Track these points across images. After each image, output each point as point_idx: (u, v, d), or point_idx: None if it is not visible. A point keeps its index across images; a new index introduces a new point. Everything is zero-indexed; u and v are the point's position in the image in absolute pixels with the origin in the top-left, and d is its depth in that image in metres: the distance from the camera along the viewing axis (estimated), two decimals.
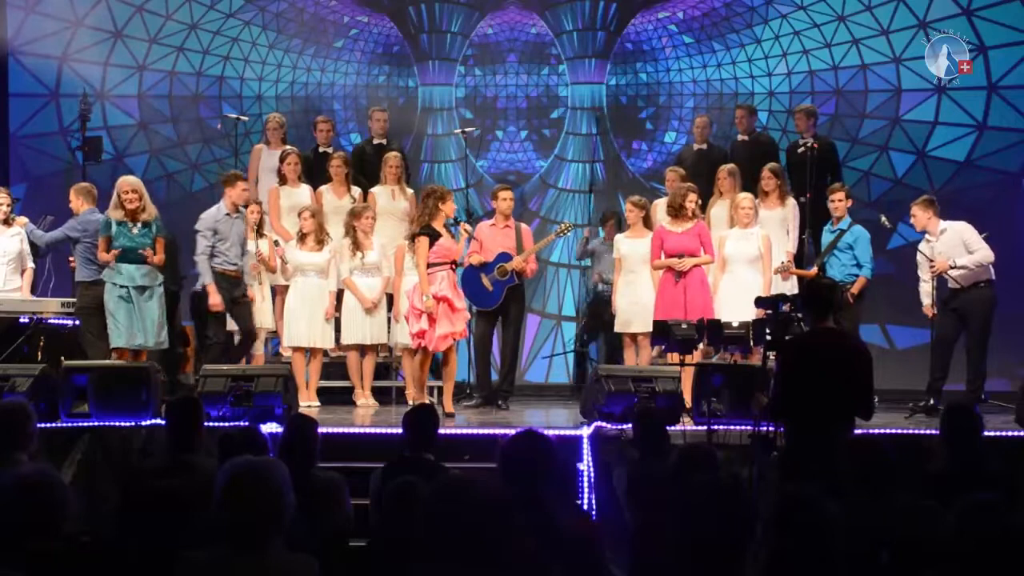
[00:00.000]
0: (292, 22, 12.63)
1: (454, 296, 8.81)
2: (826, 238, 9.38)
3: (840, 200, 9.33)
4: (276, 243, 9.67)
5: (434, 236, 8.78)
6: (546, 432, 4.21)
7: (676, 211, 9.16)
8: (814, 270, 9.17)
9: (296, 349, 9.37)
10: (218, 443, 5.17)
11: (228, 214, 9.32)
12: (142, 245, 8.77)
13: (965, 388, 9.01)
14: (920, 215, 9.14)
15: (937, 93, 11.88)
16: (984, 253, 8.99)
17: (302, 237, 9.46)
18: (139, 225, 8.80)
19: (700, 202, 9.32)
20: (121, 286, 8.71)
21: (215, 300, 9.16)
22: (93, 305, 9.04)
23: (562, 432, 7.38)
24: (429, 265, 8.77)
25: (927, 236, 9.19)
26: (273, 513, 3.22)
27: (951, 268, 8.95)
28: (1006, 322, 10.50)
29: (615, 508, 5.95)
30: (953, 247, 9.03)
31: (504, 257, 9.34)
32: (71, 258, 9.41)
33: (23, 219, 9.60)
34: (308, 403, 9.03)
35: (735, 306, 8.83)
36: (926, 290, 9.19)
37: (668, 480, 4.86)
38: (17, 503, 3.36)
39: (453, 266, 8.88)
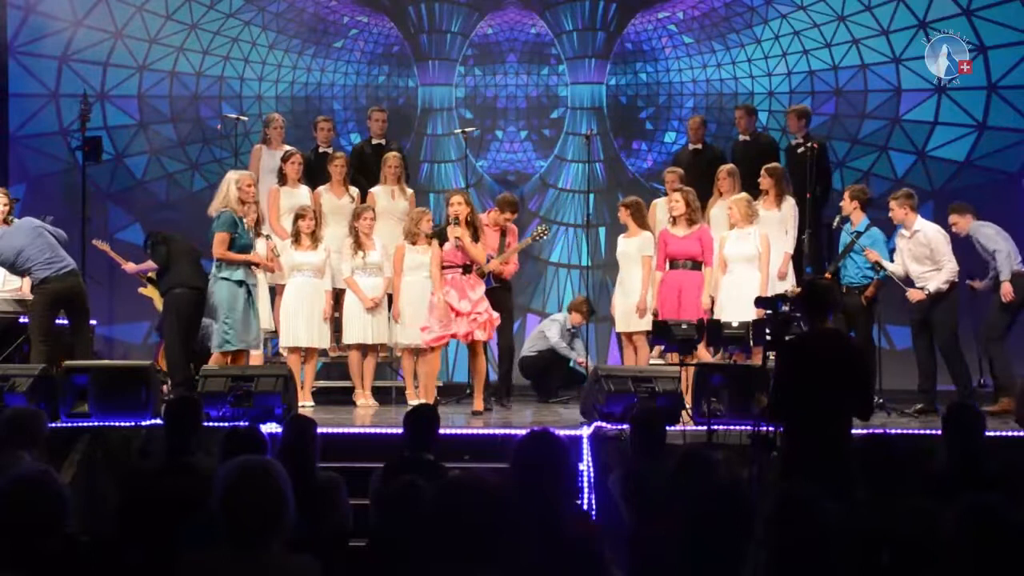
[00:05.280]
0: (292, 22, 12.63)
1: (455, 299, 8.80)
2: (843, 239, 9.35)
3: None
4: (268, 237, 9.59)
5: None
6: None
7: (675, 221, 9.23)
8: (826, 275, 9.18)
9: (292, 350, 9.35)
10: (218, 443, 5.17)
11: None
12: (252, 243, 8.74)
13: (956, 390, 9.02)
14: (897, 209, 9.16)
15: (937, 93, 11.88)
16: (949, 268, 8.98)
17: (296, 237, 9.45)
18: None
19: (697, 205, 9.33)
20: (240, 282, 8.54)
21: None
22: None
23: (562, 432, 7.36)
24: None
25: (902, 231, 9.22)
26: (274, 513, 3.22)
27: (923, 296, 8.98)
28: None
29: (615, 508, 5.94)
30: (919, 253, 9.06)
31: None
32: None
33: None
34: (302, 403, 9.01)
35: (735, 306, 8.84)
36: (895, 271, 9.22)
37: (666, 481, 4.85)
38: (17, 503, 3.36)
39: (461, 270, 8.87)
